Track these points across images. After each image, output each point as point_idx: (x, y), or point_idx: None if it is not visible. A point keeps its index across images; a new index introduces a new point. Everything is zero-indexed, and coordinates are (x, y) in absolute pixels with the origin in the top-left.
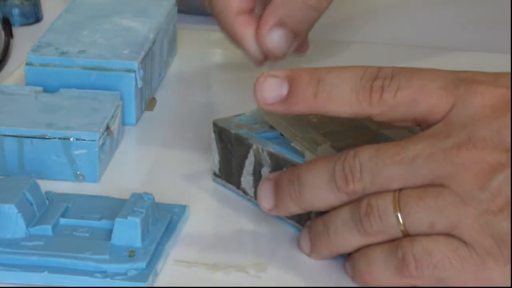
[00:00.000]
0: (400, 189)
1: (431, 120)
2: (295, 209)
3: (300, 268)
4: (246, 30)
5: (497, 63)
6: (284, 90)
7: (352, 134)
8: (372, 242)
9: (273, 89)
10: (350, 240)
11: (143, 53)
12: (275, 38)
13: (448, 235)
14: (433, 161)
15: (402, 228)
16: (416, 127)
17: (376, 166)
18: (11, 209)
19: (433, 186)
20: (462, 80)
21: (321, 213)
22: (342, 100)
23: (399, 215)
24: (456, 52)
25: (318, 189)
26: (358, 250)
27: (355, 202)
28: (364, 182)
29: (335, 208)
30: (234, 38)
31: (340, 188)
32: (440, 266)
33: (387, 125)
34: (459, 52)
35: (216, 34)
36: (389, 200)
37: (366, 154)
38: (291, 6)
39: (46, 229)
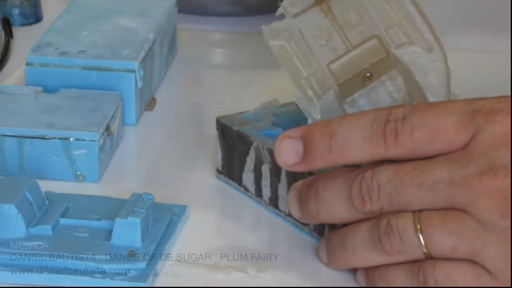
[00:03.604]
0: (420, 210)
1: (451, 152)
2: (315, 222)
3: (300, 268)
4: None
5: (497, 64)
6: (300, 149)
7: (364, 57)
8: (392, 262)
9: (289, 150)
10: (368, 259)
11: (143, 53)
12: None
13: (471, 261)
14: (454, 186)
15: (425, 250)
16: None
17: (394, 189)
18: (11, 209)
19: (454, 210)
20: (479, 111)
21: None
22: (357, 150)
23: (420, 236)
24: (456, 52)
25: (334, 207)
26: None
27: (373, 220)
28: (382, 203)
29: (352, 222)
30: None
31: (357, 208)
32: None
33: (399, 43)
34: (459, 52)
35: (216, 34)
36: (409, 221)
37: (384, 176)
38: None
39: (46, 229)
